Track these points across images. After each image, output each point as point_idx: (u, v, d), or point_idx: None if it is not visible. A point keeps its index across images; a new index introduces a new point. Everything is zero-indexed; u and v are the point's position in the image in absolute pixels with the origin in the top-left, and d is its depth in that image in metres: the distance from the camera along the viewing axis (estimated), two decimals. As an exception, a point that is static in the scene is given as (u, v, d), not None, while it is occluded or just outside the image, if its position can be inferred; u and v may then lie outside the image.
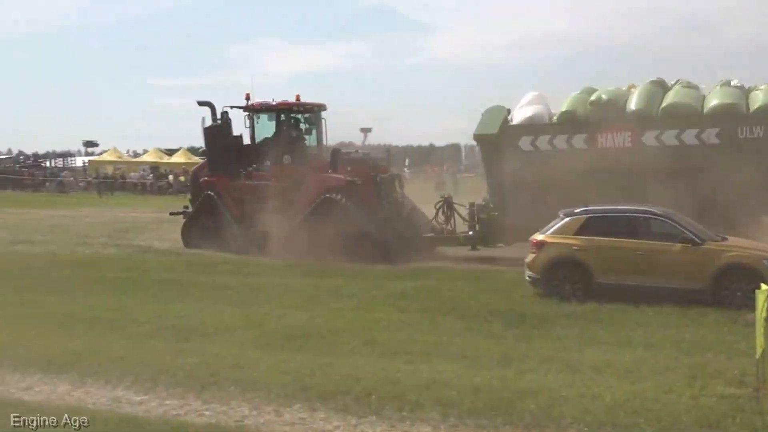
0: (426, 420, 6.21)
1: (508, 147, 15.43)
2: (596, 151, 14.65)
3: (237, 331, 9.30)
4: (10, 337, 9.05)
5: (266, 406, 6.60)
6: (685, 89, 15.04)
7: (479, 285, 12.40)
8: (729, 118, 14.05)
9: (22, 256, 17.26)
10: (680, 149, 14.20)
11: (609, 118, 14.78)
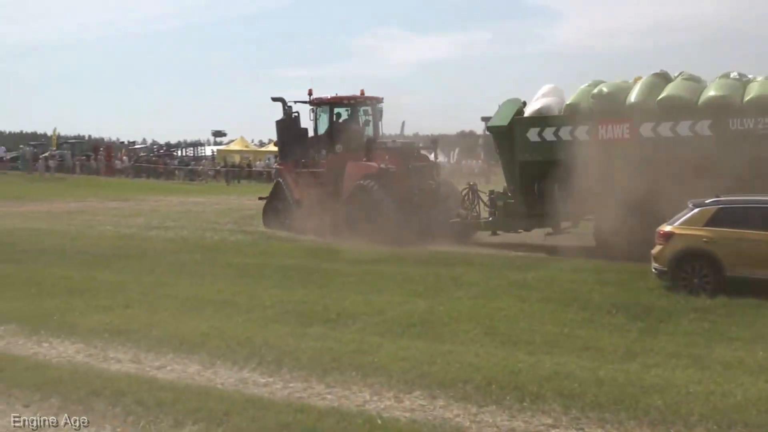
0: (547, 412, 6.11)
1: (518, 138, 16.12)
2: (598, 143, 15.09)
3: (359, 317, 9.39)
4: (144, 317, 9.47)
5: (387, 392, 6.65)
6: (685, 82, 15.12)
7: (601, 276, 12.09)
8: (720, 110, 14.14)
9: (155, 241, 18.03)
10: (675, 141, 14.45)
11: (608, 110, 15.19)
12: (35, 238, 18.82)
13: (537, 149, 15.79)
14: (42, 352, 8.17)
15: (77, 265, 14.15)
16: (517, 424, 5.92)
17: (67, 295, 10.97)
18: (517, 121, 16.22)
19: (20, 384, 6.88)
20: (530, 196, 16.11)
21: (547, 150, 15.56)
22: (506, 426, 5.88)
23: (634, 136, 14.79)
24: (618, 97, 15.22)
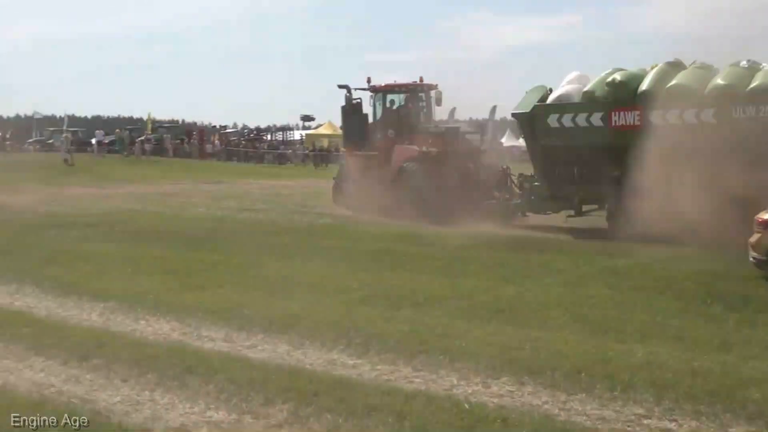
0: (639, 401, 5.97)
1: (539, 124, 16.73)
2: (611, 129, 15.69)
3: (446, 301, 9.37)
4: (236, 297, 9.66)
5: (474, 377, 6.61)
6: (696, 70, 15.41)
7: (696, 265, 11.70)
8: (724, 98, 14.31)
9: (246, 223, 18.39)
10: (683, 128, 14.64)
11: (621, 98, 15.66)
12: (133, 219, 19.46)
13: (556, 135, 16.41)
14: (139, 329, 8.43)
15: (172, 245, 14.56)
16: (608, 413, 5.81)
17: (162, 275, 11.29)
18: (539, 108, 16.83)
19: (119, 359, 7.12)
20: (552, 179, 16.96)
21: (566, 136, 16.20)
22: (596, 415, 5.77)
23: (645, 123, 15.12)
24: (630, 85, 15.66)
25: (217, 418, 5.74)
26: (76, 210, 22.15)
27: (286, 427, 5.56)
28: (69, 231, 16.82)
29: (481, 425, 5.50)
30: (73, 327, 8.45)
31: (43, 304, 9.70)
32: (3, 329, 8.25)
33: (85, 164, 45.09)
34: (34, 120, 76.16)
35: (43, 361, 7.21)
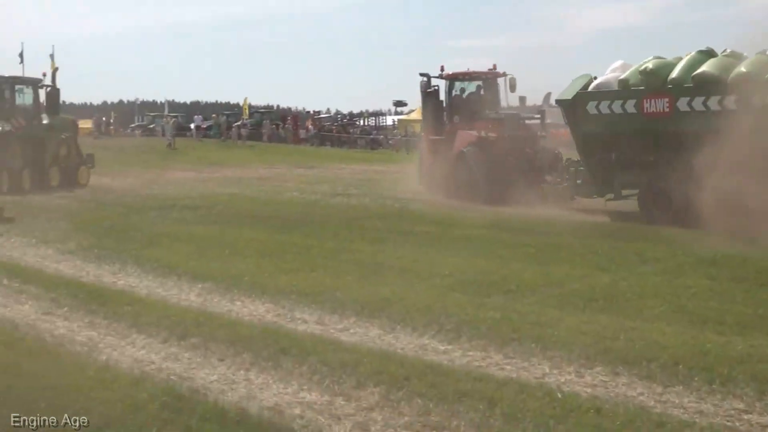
0: (739, 396, 5.76)
1: (580, 111, 17.23)
2: (643, 116, 16.04)
3: (538, 289, 9.24)
4: (329, 281, 9.76)
5: (567, 366, 6.50)
6: (724, 59, 15.51)
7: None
8: (745, 85, 14.49)
9: (339, 208, 18.56)
10: (707, 115, 15.01)
11: (652, 85, 16.05)
12: (229, 202, 19.90)
13: (595, 121, 16.93)
14: (235, 310, 8.61)
15: (267, 228, 14.83)
16: (706, 406, 5.63)
17: (257, 257, 11.50)
18: (580, 95, 17.33)
19: (216, 339, 7.29)
20: (593, 164, 17.48)
21: (604, 122, 16.73)
22: (694, 408, 5.60)
23: (673, 110, 15.59)
24: (662, 74, 16.04)
25: (309, 399, 5.82)
26: (176, 193, 22.80)
27: (377, 410, 5.59)
28: (169, 213, 17.33)
29: (574, 415, 5.41)
30: (172, 306, 8.69)
31: (144, 283, 10.02)
32: (107, 307, 8.55)
33: (183, 149, 46.41)
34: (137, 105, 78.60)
35: (144, 338, 7.45)
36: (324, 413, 5.56)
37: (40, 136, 24.72)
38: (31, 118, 24.82)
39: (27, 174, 23.73)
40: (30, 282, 9.94)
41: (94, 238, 13.49)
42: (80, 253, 12.11)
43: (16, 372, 6.19)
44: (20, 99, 25.38)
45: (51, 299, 8.99)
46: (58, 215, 16.76)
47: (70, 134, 26.45)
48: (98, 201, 20.67)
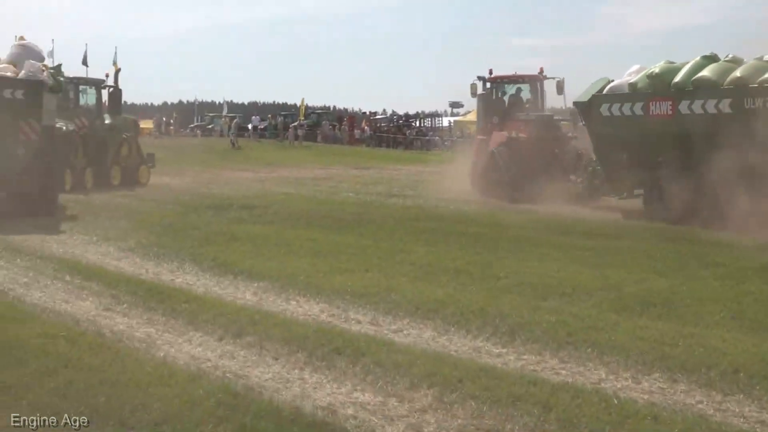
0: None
1: (595, 113, 18.35)
2: (649, 118, 17.00)
3: (595, 292, 9.11)
4: (383, 281, 9.76)
5: (624, 372, 6.40)
6: (724, 64, 16.16)
7: None
8: (738, 89, 15.41)
9: (394, 209, 18.58)
10: (705, 117, 15.87)
11: (657, 89, 17.10)
12: (285, 202, 20.06)
13: (608, 123, 17.97)
14: (290, 309, 8.66)
15: (322, 228, 14.89)
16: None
17: (312, 257, 11.56)
18: (595, 98, 18.39)
19: (271, 337, 7.34)
20: (607, 164, 18.52)
21: (616, 124, 17.77)
22: (755, 418, 5.46)
23: (675, 113, 16.50)
24: (666, 78, 16.94)
25: (363, 400, 5.82)
26: (233, 192, 23.08)
27: (430, 412, 5.57)
28: (226, 212, 17.53)
29: (631, 421, 5.31)
30: (228, 304, 8.78)
31: (201, 281, 10.15)
32: (165, 304, 8.67)
33: (242, 149, 46.90)
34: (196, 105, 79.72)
35: (201, 336, 7.54)
36: (377, 414, 5.55)
37: (102, 135, 25.09)
38: (94, 118, 25.28)
39: (90, 173, 24.15)
40: (91, 279, 10.13)
41: (153, 236, 13.70)
42: (140, 251, 12.31)
43: (77, 366, 6.32)
44: (83, 99, 25.86)
45: (111, 296, 9.16)
46: (119, 214, 17.07)
47: (132, 134, 26.91)
48: (157, 200, 21.00)
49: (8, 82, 16.21)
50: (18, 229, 14.59)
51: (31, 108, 16.24)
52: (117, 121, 26.05)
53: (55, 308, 8.57)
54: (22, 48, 17.60)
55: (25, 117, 16.15)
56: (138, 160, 26.67)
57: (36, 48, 18.11)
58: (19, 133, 16.13)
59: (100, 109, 25.98)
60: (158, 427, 5.13)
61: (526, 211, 18.08)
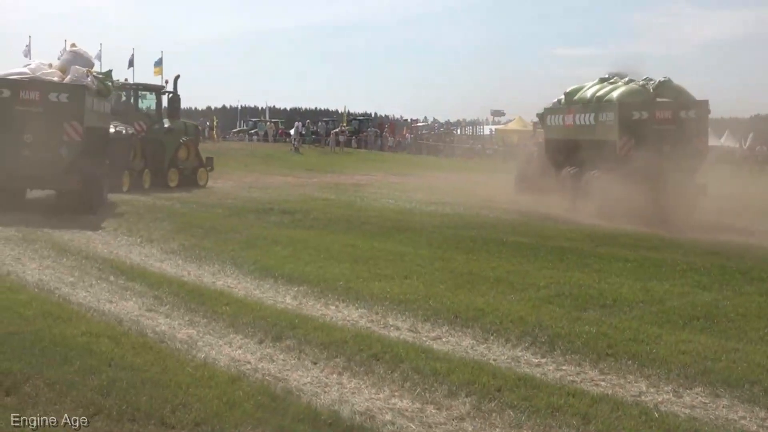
0: None
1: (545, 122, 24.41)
2: (564, 128, 22.69)
3: (636, 305, 9.01)
4: (422, 288, 9.75)
5: (665, 385, 6.33)
6: (606, 84, 21.20)
7: None
8: (595, 105, 20.98)
9: (434, 216, 18.56)
10: (584, 127, 21.18)
11: (570, 103, 22.42)
12: (326, 207, 20.16)
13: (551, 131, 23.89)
14: (329, 314, 8.69)
15: (362, 234, 14.93)
16: (813, 434, 5.39)
17: (352, 263, 11.59)
18: (546, 110, 24.05)
19: (310, 342, 7.38)
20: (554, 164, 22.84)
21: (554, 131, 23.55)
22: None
23: (572, 123, 21.95)
24: (572, 95, 22.37)
25: (401, 406, 5.83)
26: (274, 196, 23.26)
27: (468, 420, 5.56)
28: (267, 216, 17.68)
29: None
30: (268, 308, 8.83)
31: (242, 284, 10.23)
32: (206, 306, 8.75)
33: (283, 154, 47.21)
34: (239, 110, 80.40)
35: (241, 338, 7.59)
36: (415, 421, 5.55)
37: (160, 139, 26.05)
38: (153, 123, 26.04)
39: (147, 174, 25.08)
40: (135, 279, 10.27)
41: (196, 238, 13.85)
42: (182, 253, 12.46)
43: (119, 365, 6.40)
44: (143, 104, 26.79)
45: (154, 297, 9.27)
46: (163, 215, 17.29)
47: (190, 138, 27.81)
48: (201, 203, 21.24)
49: (53, 86, 17.26)
50: (64, 228, 14.86)
51: (75, 110, 17.10)
52: (175, 126, 27.00)
53: (99, 308, 8.70)
54: (73, 54, 18.58)
55: (68, 119, 16.98)
56: (197, 163, 27.98)
57: (85, 54, 19.16)
58: (63, 134, 16.97)
59: (159, 114, 26.82)
60: (198, 427, 5.18)
61: (567, 221, 17.95)
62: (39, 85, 17.21)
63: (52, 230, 14.63)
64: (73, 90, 17.27)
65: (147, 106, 26.89)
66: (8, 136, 16.71)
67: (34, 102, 16.88)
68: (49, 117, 16.85)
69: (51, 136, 16.89)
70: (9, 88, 17.00)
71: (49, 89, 17.12)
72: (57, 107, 16.96)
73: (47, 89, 17.11)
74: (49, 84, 17.35)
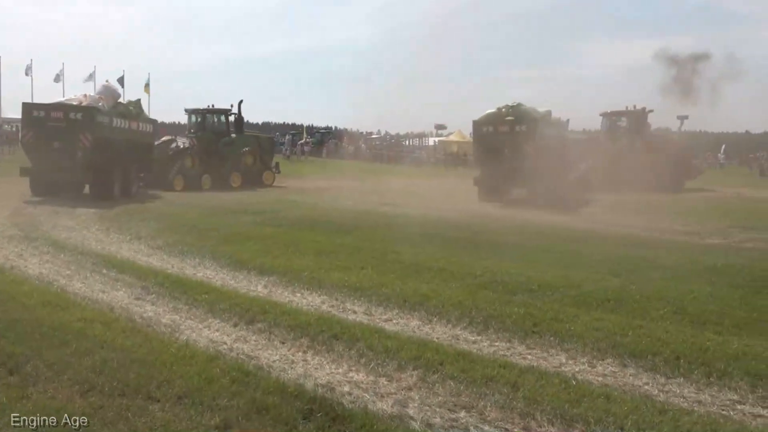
0: (734, 388, 5.64)
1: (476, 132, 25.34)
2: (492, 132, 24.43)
3: (557, 289, 9.10)
4: (375, 278, 9.76)
5: (581, 357, 6.43)
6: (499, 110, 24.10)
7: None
8: (478, 122, 24.68)
9: (386, 216, 18.53)
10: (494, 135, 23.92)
11: None
12: (293, 208, 20.04)
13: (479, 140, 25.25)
14: (295, 300, 8.66)
15: (324, 232, 14.87)
16: (704, 397, 5.52)
17: (315, 256, 11.54)
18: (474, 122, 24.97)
19: (279, 324, 7.34)
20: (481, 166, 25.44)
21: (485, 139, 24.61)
22: (693, 398, 5.50)
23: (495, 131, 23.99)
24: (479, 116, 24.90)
25: (357, 379, 5.84)
26: (247, 199, 23.04)
27: (415, 390, 5.59)
28: (241, 216, 17.51)
29: (587, 400, 5.33)
30: (242, 295, 8.77)
31: (219, 275, 10.14)
32: (188, 295, 8.66)
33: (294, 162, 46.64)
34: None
35: (218, 322, 7.53)
36: (369, 391, 5.57)
37: (221, 149, 29.39)
38: (218, 137, 29.59)
39: (207, 178, 28.52)
40: (124, 272, 10.12)
41: (179, 235, 13.69)
42: (166, 249, 12.30)
43: (111, 347, 6.31)
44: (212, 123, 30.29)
45: (141, 287, 9.14)
46: (150, 216, 17.05)
47: (251, 148, 31.04)
48: (184, 204, 20.98)
49: (72, 108, 21.26)
50: (62, 228, 14.58)
51: (87, 125, 20.95)
52: (238, 139, 30.37)
53: (93, 297, 8.57)
54: (105, 88, 24.37)
55: (83, 131, 20.85)
56: (262, 168, 31.58)
57: (112, 86, 25.39)
58: (78, 142, 20.76)
59: (226, 130, 30.28)
60: (180, 400, 5.13)
61: (503, 218, 18.10)
62: (63, 108, 21.17)
63: (49, 231, 14.34)
64: (86, 111, 21.05)
65: (216, 124, 30.31)
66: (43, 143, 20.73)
67: (60, 119, 20.85)
68: (70, 130, 20.70)
69: (71, 143, 20.66)
70: (43, 109, 21.15)
71: (69, 110, 21.02)
72: (74, 123, 20.83)
73: (68, 110, 21.01)
74: (69, 107, 21.20)
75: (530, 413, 5.13)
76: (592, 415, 5.07)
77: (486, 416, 5.13)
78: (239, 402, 5.13)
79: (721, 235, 14.96)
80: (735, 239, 14.33)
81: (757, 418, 5.16)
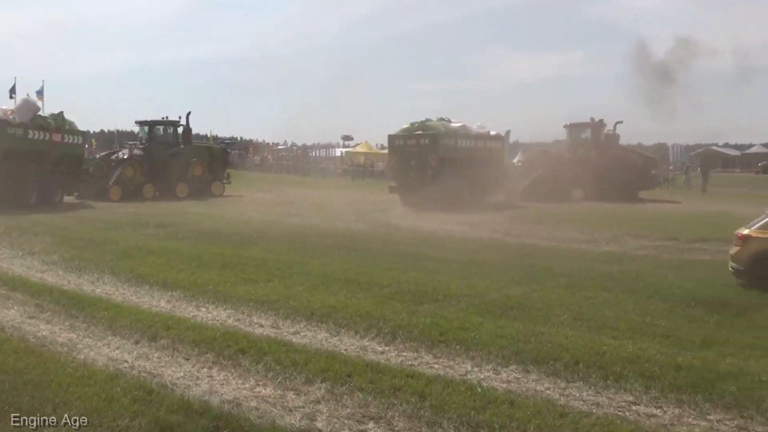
0: (629, 390, 5.91)
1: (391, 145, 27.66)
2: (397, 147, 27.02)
3: (462, 298, 9.31)
4: (282, 290, 9.67)
5: (486, 365, 6.58)
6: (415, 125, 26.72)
7: (682, 272, 11.60)
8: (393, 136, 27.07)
9: (293, 227, 18.40)
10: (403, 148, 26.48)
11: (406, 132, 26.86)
12: (197, 220, 19.58)
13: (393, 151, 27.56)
14: (200, 315, 8.47)
15: (229, 244, 14.61)
16: (602, 399, 5.76)
17: (220, 269, 11.34)
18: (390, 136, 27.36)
19: (183, 340, 7.17)
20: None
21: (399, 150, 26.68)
22: (591, 400, 5.73)
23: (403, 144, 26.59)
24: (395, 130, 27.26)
25: (264, 393, 5.77)
26: (148, 211, 22.36)
27: (323, 403, 5.57)
28: (143, 229, 17.00)
29: (492, 407, 5.47)
30: (144, 311, 8.51)
31: (120, 291, 9.80)
32: (86, 312, 8.34)
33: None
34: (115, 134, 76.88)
35: (119, 340, 7.29)
36: (277, 405, 5.52)
37: (164, 160, 29.22)
38: (165, 149, 29.64)
39: (149, 187, 28.58)
40: (16, 289, 9.65)
41: (75, 250, 13.15)
42: (62, 264, 11.80)
43: (1, 369, 6.00)
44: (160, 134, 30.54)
45: (35, 305, 8.74)
46: (44, 230, 16.30)
47: (198, 159, 30.59)
48: (79, 217, 20.18)
49: None
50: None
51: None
52: (187, 150, 30.38)
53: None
54: (23, 101, 25.02)
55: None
56: (211, 178, 31.00)
57: (31, 100, 26.14)
58: None
59: (175, 141, 30.42)
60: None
61: (409, 228, 18.29)
62: None
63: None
64: None
65: (164, 136, 30.47)
66: None
67: None
68: None
69: None
70: None
71: None
72: None
73: None
74: None
75: (437, 421, 5.21)
76: (497, 420, 5.19)
77: (394, 426, 5.17)
78: (141, 422, 4.97)
79: (617, 243, 15.64)
80: (629, 247, 15.01)
81: (651, 418, 5.42)
